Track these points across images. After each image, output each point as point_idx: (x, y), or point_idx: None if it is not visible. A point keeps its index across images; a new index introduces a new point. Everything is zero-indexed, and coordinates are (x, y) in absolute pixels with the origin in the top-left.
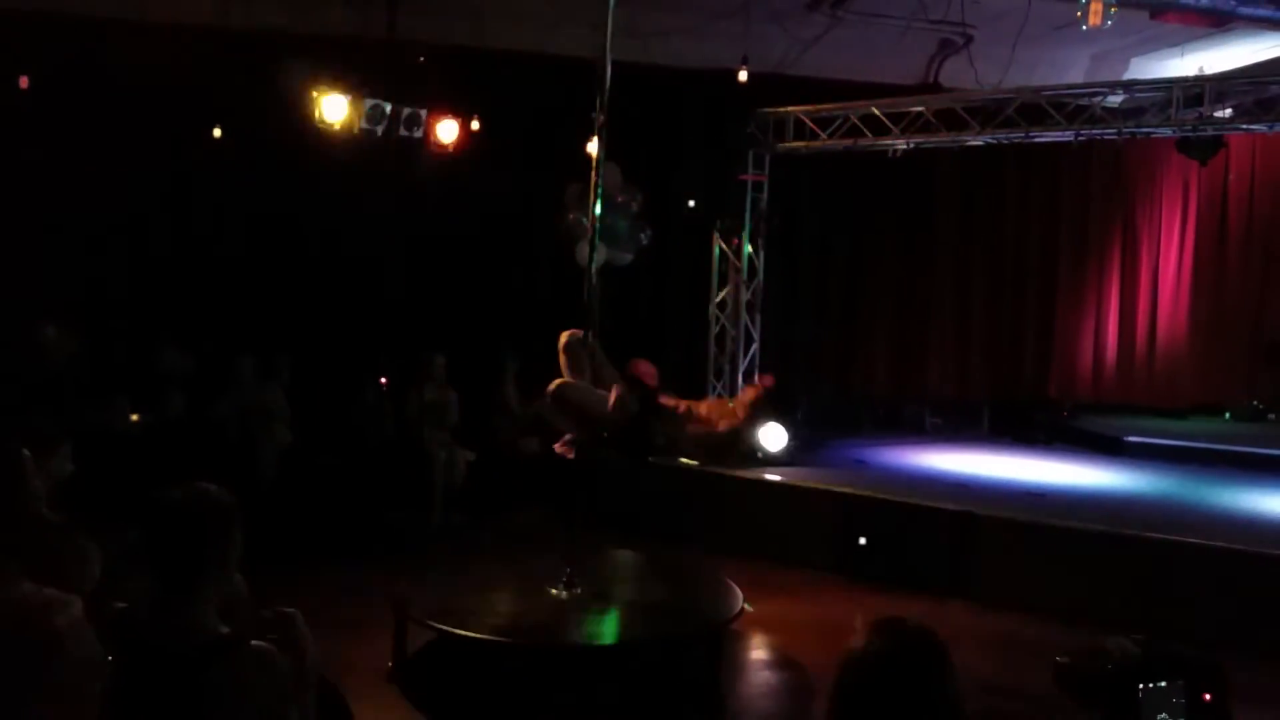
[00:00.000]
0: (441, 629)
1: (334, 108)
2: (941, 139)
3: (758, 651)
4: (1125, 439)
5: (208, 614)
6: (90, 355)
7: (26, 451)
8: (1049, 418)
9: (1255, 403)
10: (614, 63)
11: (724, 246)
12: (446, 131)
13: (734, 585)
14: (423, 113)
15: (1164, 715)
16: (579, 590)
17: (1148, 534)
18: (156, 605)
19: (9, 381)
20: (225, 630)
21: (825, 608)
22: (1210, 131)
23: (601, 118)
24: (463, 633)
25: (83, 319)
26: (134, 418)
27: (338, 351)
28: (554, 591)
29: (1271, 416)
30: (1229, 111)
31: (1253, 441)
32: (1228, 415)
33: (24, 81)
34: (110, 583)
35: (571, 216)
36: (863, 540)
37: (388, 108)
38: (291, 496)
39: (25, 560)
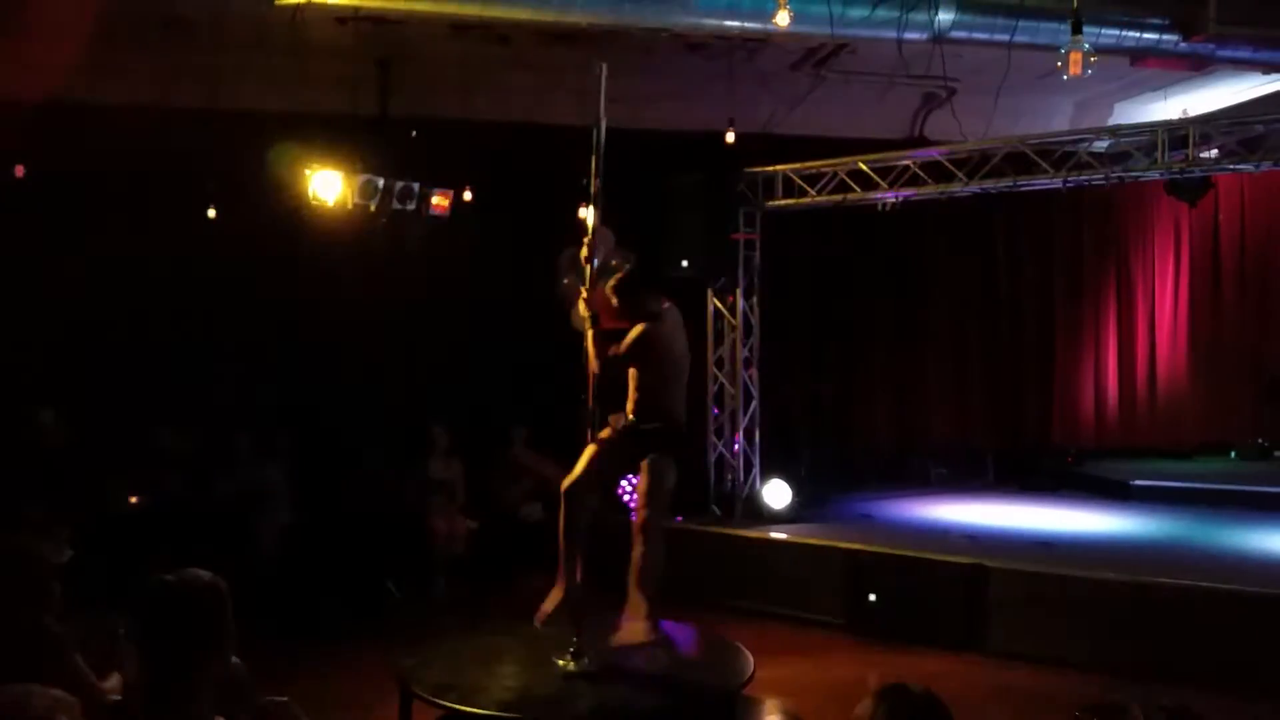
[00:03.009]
0: (447, 705)
1: (327, 185)
2: (929, 191)
3: (771, 718)
4: (1132, 483)
5: (202, 703)
6: (87, 438)
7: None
8: (1054, 464)
9: (1261, 440)
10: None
11: (719, 305)
12: (439, 203)
13: (744, 649)
14: (415, 186)
15: None
16: (586, 660)
17: (1160, 579)
18: (150, 694)
19: (6, 467)
20: (222, 718)
21: (836, 667)
22: (1198, 173)
23: (596, 184)
24: (468, 709)
25: (79, 402)
26: (132, 500)
27: (338, 427)
28: (561, 662)
29: (1278, 454)
30: (1215, 152)
31: (1261, 480)
32: (1234, 454)
33: (19, 170)
34: (105, 672)
35: (566, 281)
36: (872, 596)
37: (380, 182)
38: (292, 575)
39: (36, 667)
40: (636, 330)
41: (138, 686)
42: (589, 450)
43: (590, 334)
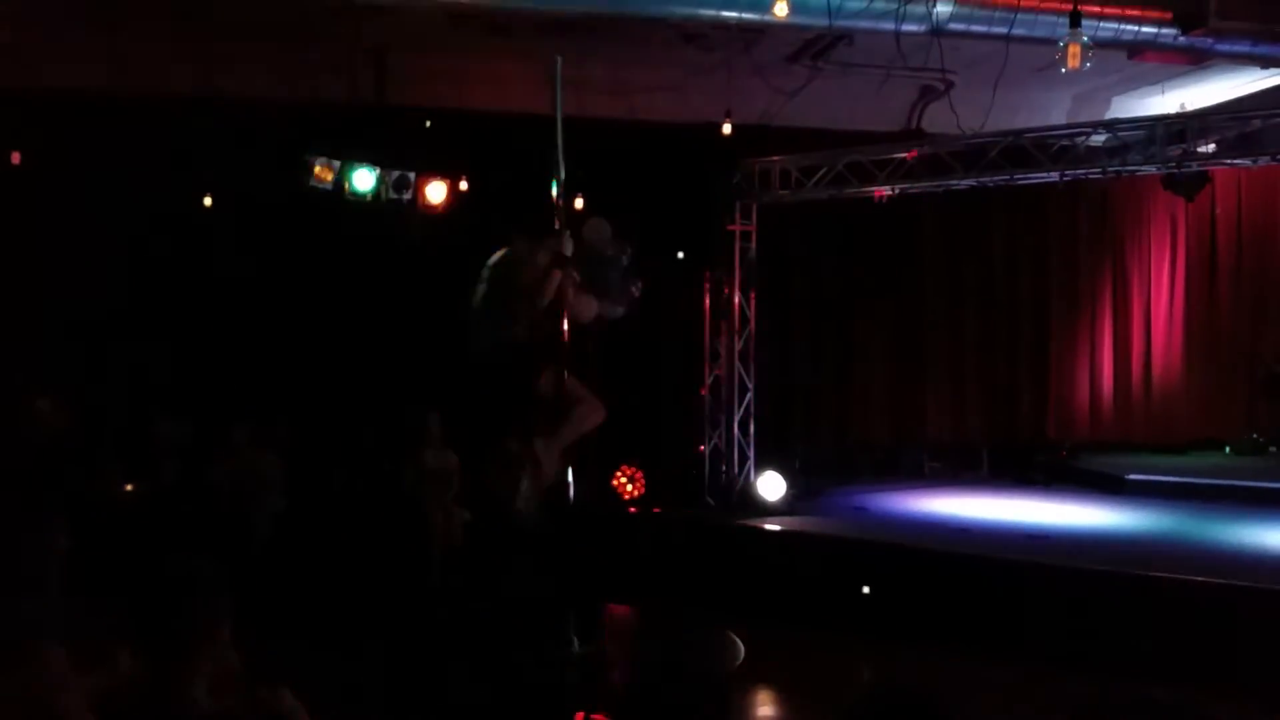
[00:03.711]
0: (444, 692)
1: (323, 173)
2: (926, 184)
3: (764, 708)
4: (1126, 477)
5: (197, 690)
6: (84, 425)
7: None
8: (1048, 458)
9: (1255, 435)
10: (600, 120)
11: (714, 296)
12: (435, 193)
13: (735, 637)
14: (411, 175)
15: None
16: (581, 649)
17: (1153, 573)
18: (145, 681)
19: (3, 454)
20: (216, 708)
21: (829, 660)
22: (1195, 167)
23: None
24: (465, 695)
25: (76, 389)
26: (128, 487)
27: (333, 415)
28: (556, 649)
29: (1272, 449)
30: (1212, 147)
31: (1254, 475)
32: (1228, 449)
33: (15, 157)
34: (99, 657)
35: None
36: (866, 589)
37: (377, 172)
38: (287, 564)
39: (44, 637)
40: None
41: (134, 674)
42: None
43: None
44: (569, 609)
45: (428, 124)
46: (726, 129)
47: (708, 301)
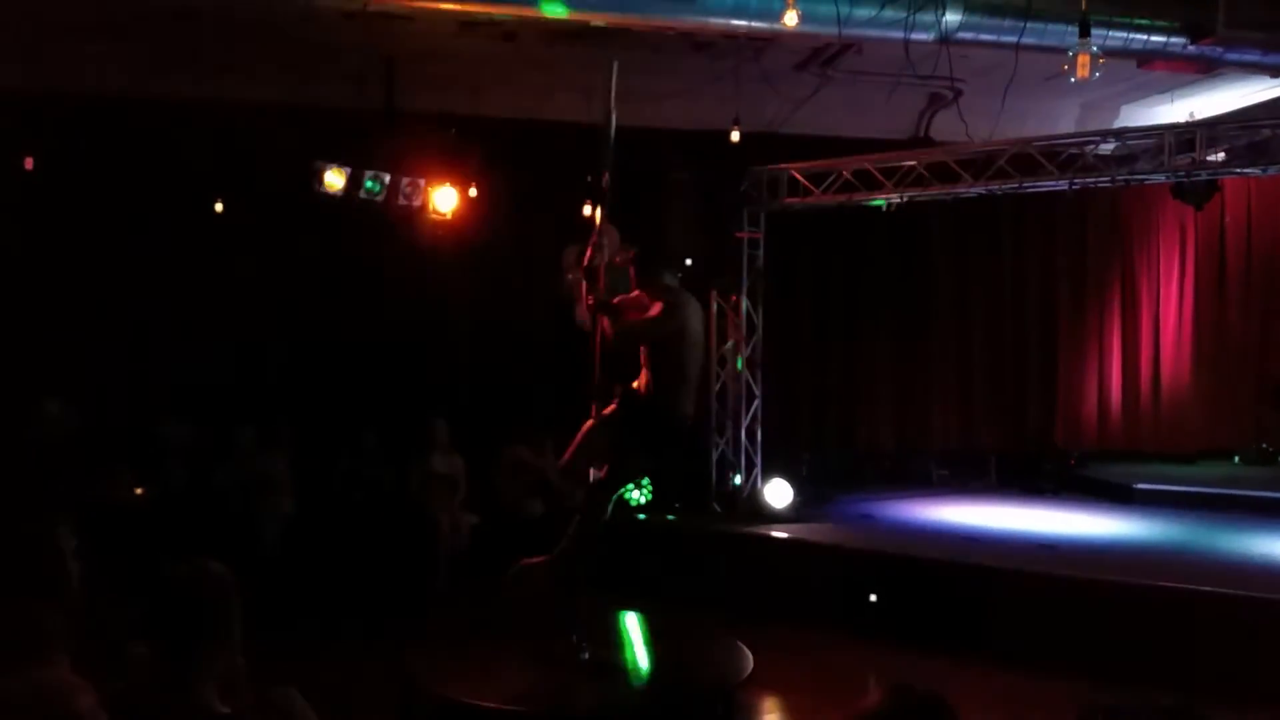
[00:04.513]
0: (448, 699)
1: (333, 179)
2: (934, 192)
3: (770, 716)
4: (1135, 486)
5: (208, 693)
6: (92, 428)
7: (67, 532)
8: (1057, 467)
9: (1264, 445)
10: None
11: (723, 303)
12: (445, 199)
13: (743, 647)
14: (421, 181)
15: None
16: (587, 655)
17: (1162, 583)
18: (156, 684)
19: (12, 456)
20: (225, 710)
21: (837, 668)
22: (1204, 176)
23: (606, 179)
24: (469, 702)
25: (84, 392)
26: (137, 491)
27: (338, 419)
28: (562, 658)
29: None
30: (1222, 156)
31: (1264, 485)
32: (1236, 458)
33: (29, 162)
34: (111, 661)
35: (570, 277)
36: (873, 597)
37: (386, 177)
38: (294, 568)
39: (61, 641)
40: (658, 306)
41: (144, 677)
42: (585, 425)
43: (605, 322)
44: (576, 615)
45: (453, 130)
46: (735, 136)
47: (715, 308)
